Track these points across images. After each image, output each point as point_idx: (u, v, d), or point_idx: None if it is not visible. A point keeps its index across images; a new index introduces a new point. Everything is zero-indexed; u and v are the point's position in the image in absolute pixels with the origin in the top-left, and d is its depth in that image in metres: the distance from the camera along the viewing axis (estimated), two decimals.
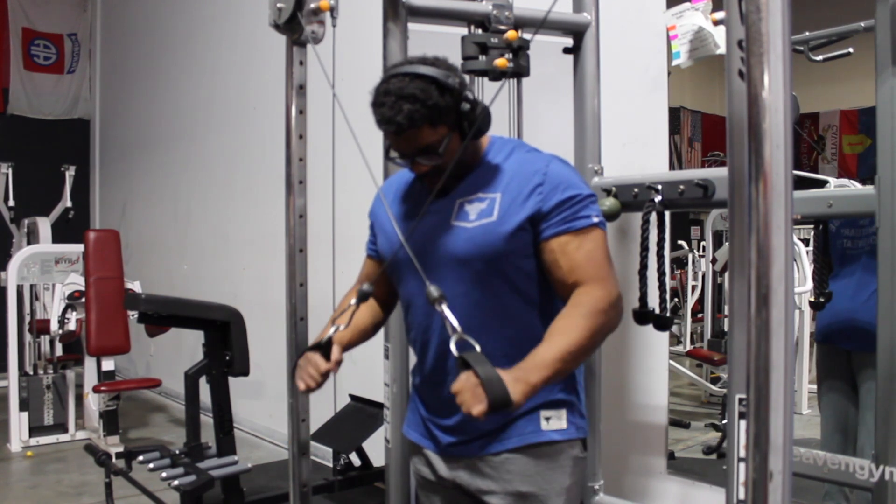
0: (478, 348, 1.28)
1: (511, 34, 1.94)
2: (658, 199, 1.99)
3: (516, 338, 1.49)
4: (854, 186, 2.40)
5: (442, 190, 1.52)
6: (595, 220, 1.46)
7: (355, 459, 3.16)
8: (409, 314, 1.60)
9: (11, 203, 6.30)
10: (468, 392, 1.25)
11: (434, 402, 1.59)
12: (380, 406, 2.46)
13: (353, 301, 1.47)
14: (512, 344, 1.48)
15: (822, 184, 2.46)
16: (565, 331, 1.38)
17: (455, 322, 1.30)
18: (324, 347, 1.48)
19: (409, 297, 1.57)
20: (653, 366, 2.52)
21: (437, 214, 1.52)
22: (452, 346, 1.29)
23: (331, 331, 1.49)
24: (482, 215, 1.47)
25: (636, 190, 2.05)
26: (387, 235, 1.62)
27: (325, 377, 1.48)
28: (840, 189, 2.34)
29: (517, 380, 1.28)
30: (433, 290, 1.32)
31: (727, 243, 2.82)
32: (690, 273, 3.73)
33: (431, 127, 1.41)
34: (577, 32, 2.16)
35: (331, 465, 3.19)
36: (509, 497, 1.50)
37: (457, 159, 1.45)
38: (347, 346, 1.57)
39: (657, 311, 2.07)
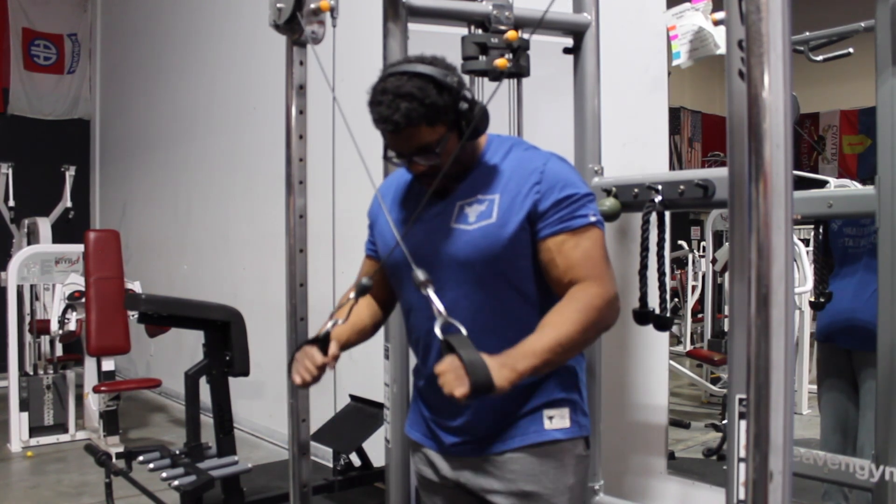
0: (463, 331, 1.28)
1: (511, 34, 1.94)
2: (658, 199, 1.99)
3: (518, 337, 1.48)
4: (854, 186, 2.40)
5: (441, 192, 1.51)
6: (592, 218, 1.46)
7: (355, 459, 3.16)
8: (410, 317, 1.60)
9: (11, 203, 6.31)
10: (451, 374, 1.26)
11: (437, 403, 1.58)
12: (380, 406, 2.46)
13: (353, 295, 1.45)
14: (514, 343, 1.48)
15: (822, 184, 2.46)
16: (557, 323, 1.39)
17: (440, 305, 1.30)
18: (321, 342, 1.46)
19: (410, 300, 1.56)
20: (653, 366, 2.52)
21: (438, 217, 1.51)
22: (437, 330, 1.29)
23: (329, 325, 1.47)
24: (481, 217, 1.47)
25: (636, 190, 2.05)
26: (385, 238, 1.61)
27: (322, 372, 1.46)
28: (840, 189, 2.34)
29: (503, 365, 1.29)
30: (419, 274, 1.31)
31: (727, 243, 2.82)
32: (690, 273, 3.72)
33: (429, 126, 1.41)
34: (577, 32, 2.16)
35: (331, 465, 3.19)
36: (513, 496, 1.50)
37: (454, 159, 1.44)
38: (346, 345, 1.56)
39: (657, 311, 2.07)
